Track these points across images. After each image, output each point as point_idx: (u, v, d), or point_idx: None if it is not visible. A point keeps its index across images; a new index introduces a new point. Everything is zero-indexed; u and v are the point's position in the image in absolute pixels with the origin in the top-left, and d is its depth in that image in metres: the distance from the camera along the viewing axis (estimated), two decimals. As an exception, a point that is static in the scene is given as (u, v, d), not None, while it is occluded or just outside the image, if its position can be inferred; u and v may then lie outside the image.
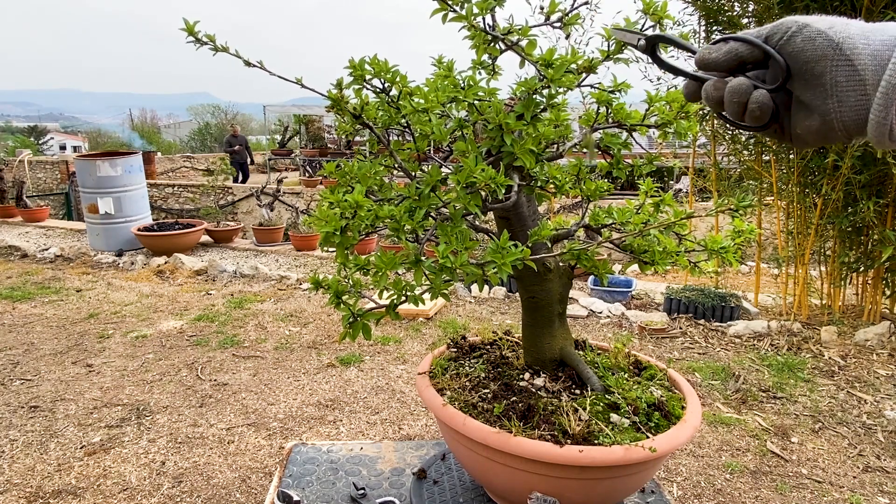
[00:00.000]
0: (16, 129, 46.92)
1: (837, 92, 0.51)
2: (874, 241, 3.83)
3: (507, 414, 1.06)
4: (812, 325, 4.01)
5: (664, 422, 1.07)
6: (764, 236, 4.92)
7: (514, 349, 1.35)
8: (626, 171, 1.21)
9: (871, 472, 2.48)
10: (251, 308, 4.60)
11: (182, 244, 6.44)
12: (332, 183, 1.07)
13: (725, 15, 4.08)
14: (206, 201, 11.68)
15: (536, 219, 1.16)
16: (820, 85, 0.52)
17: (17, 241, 7.09)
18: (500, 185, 0.90)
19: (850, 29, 0.51)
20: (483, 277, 0.91)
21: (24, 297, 4.90)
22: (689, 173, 5.16)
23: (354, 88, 1.04)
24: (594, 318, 4.38)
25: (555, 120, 1.03)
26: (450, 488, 1.25)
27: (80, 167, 6.61)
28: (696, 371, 3.43)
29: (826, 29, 0.52)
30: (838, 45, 0.51)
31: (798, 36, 0.53)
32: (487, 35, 0.99)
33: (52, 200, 12.13)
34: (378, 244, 6.76)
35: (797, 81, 0.54)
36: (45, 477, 2.43)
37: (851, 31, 0.51)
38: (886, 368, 3.40)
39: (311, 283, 1.07)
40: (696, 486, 2.39)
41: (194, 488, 2.37)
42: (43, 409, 3.00)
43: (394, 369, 3.47)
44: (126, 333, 4.07)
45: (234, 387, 3.25)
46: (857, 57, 0.50)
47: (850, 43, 0.50)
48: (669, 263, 1.10)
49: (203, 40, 1.00)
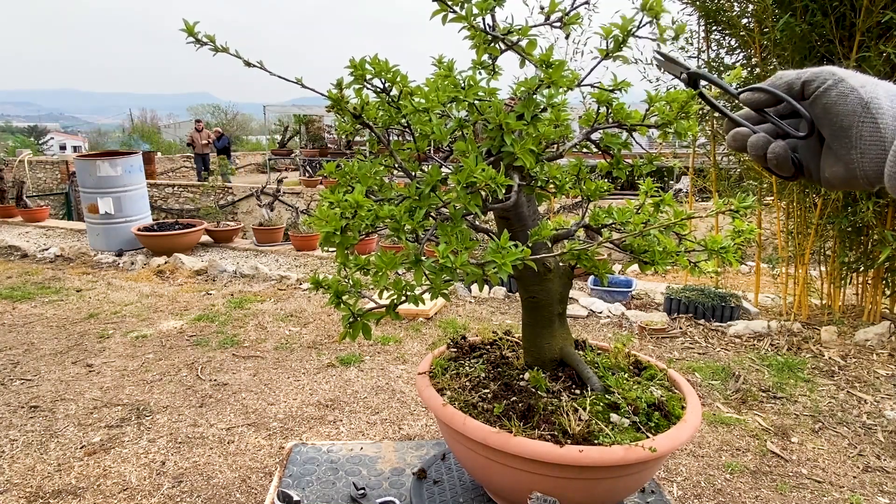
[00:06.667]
0: (16, 129, 46.92)
1: (861, 145, 0.57)
2: (874, 241, 3.83)
3: (507, 414, 1.06)
4: (812, 325, 4.01)
5: (664, 422, 1.07)
6: (764, 236, 4.92)
7: (514, 349, 1.35)
8: (626, 171, 1.20)
9: (871, 472, 2.48)
10: (251, 308, 4.60)
11: (182, 244, 6.44)
12: (332, 183, 1.07)
13: (725, 15, 4.07)
14: (206, 201, 11.68)
15: (536, 219, 1.16)
16: (847, 137, 0.58)
17: (17, 241, 7.09)
18: (500, 185, 0.89)
19: (878, 90, 0.57)
20: (483, 277, 0.91)
21: (24, 297, 4.90)
22: (689, 173, 5.16)
23: (355, 88, 1.04)
24: (594, 318, 4.38)
25: (555, 120, 1.03)
26: (450, 488, 1.25)
27: (80, 167, 6.61)
28: (696, 371, 3.43)
29: (859, 87, 0.58)
30: (867, 103, 0.57)
31: (833, 90, 0.59)
32: (487, 35, 0.99)
33: (52, 200, 12.13)
34: (378, 244, 6.76)
35: (826, 129, 0.60)
36: (45, 477, 2.43)
37: (879, 93, 0.57)
38: (886, 368, 3.40)
39: (311, 283, 1.07)
40: (696, 486, 2.39)
41: (194, 488, 2.37)
42: (43, 409, 3.00)
43: (394, 369, 3.47)
44: (126, 333, 4.07)
45: (234, 387, 3.25)
46: (881, 116, 0.56)
47: (877, 103, 0.56)
48: (669, 263, 1.10)
49: (203, 41, 1.00)
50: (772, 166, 0.63)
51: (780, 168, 0.63)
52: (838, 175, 0.60)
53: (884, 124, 0.56)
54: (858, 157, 0.58)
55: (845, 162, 0.59)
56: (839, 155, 0.60)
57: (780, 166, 0.63)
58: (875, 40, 3.35)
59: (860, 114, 0.57)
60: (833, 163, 0.61)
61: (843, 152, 0.59)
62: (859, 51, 3.39)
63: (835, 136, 0.59)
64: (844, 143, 0.58)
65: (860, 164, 0.58)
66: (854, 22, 3.39)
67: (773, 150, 0.62)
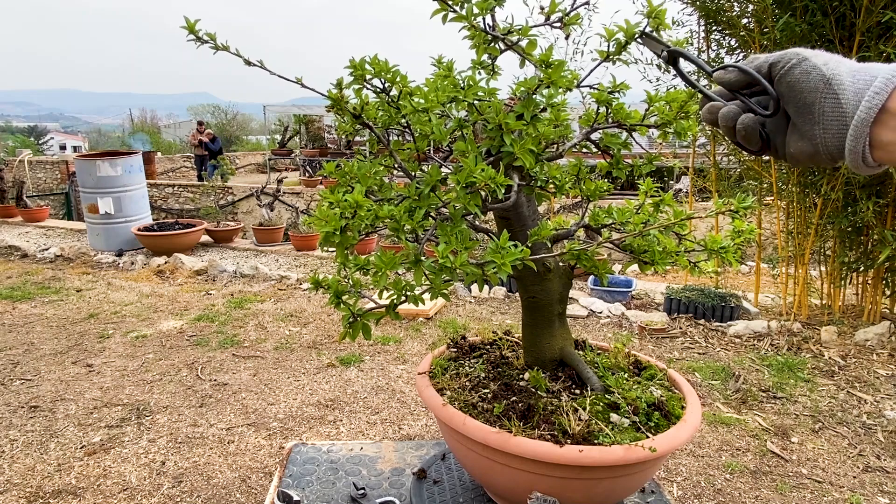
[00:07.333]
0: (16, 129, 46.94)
1: (823, 121, 0.59)
2: (874, 241, 3.83)
3: (507, 414, 1.06)
4: (812, 325, 4.01)
5: (664, 422, 1.07)
6: (764, 236, 4.92)
7: (514, 349, 1.35)
8: (626, 171, 1.20)
9: (871, 472, 2.48)
10: (251, 308, 4.60)
11: (182, 244, 6.44)
12: (332, 183, 1.07)
13: (725, 15, 4.07)
14: (206, 201, 11.68)
15: (536, 219, 1.16)
16: (810, 113, 0.60)
17: (17, 241, 7.09)
18: (499, 185, 0.90)
19: (841, 67, 0.59)
20: (483, 277, 0.91)
21: (24, 297, 4.90)
22: (688, 173, 5.16)
23: (354, 88, 1.04)
24: (594, 318, 4.38)
25: (554, 120, 1.03)
26: (450, 488, 1.25)
27: (80, 167, 6.61)
28: (696, 371, 3.43)
29: (821, 65, 0.59)
30: (829, 80, 0.58)
31: (797, 68, 0.61)
32: (487, 35, 0.99)
33: (52, 200, 12.13)
34: (378, 244, 6.76)
35: (792, 108, 0.62)
36: (45, 477, 2.43)
37: (842, 70, 0.59)
38: (886, 368, 3.40)
39: (311, 282, 1.07)
40: (696, 486, 2.39)
41: (194, 488, 2.37)
42: (43, 409, 3.00)
43: (394, 369, 3.47)
44: (126, 333, 4.07)
45: (234, 387, 3.25)
46: (842, 92, 0.58)
47: (839, 79, 0.58)
48: (669, 263, 1.10)
49: (204, 38, 1.00)
50: (740, 138, 0.65)
51: (748, 141, 0.65)
52: (803, 150, 0.62)
53: (845, 100, 0.57)
54: (821, 132, 0.59)
55: (809, 137, 0.61)
56: (803, 131, 0.61)
57: (748, 138, 0.65)
58: (875, 40, 3.35)
59: (822, 90, 0.58)
60: (798, 139, 0.63)
61: (807, 128, 0.61)
62: (859, 51, 3.39)
63: (799, 113, 0.61)
64: (808, 119, 0.60)
65: (822, 139, 0.59)
66: (854, 22, 3.39)
67: (742, 122, 0.64)
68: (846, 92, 0.57)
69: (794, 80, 0.61)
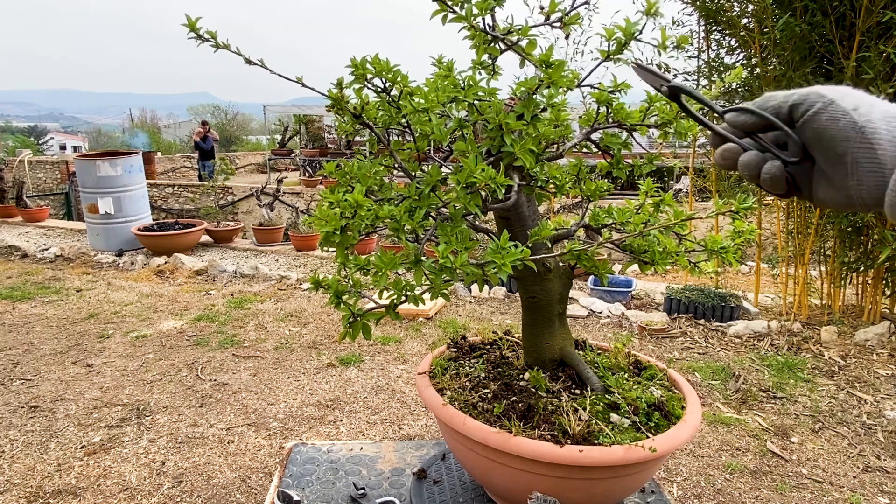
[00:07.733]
0: (16, 129, 46.93)
1: (858, 172, 0.54)
2: (874, 241, 3.83)
3: (507, 414, 1.06)
4: (812, 325, 4.01)
5: (664, 422, 1.07)
6: (764, 236, 4.92)
7: (514, 349, 1.35)
8: (626, 171, 1.20)
9: (871, 472, 2.48)
10: (251, 308, 4.60)
11: (182, 244, 6.44)
12: (332, 183, 1.07)
13: (725, 15, 4.07)
14: (206, 201, 11.68)
15: (536, 219, 1.16)
16: (841, 164, 0.55)
17: (17, 241, 7.09)
18: (500, 185, 0.90)
19: (873, 113, 0.54)
20: (483, 277, 0.91)
21: (24, 297, 4.90)
22: (689, 173, 5.16)
23: (355, 88, 1.04)
24: (594, 318, 4.38)
25: (554, 120, 1.03)
26: (450, 488, 1.25)
27: (80, 167, 6.61)
28: (696, 371, 3.43)
29: (851, 110, 0.54)
30: (861, 128, 0.53)
31: (823, 114, 0.55)
32: (487, 35, 0.99)
33: (52, 200, 12.13)
34: (378, 244, 6.76)
35: (819, 155, 0.57)
36: (45, 477, 2.43)
37: (874, 115, 0.53)
38: (886, 368, 3.40)
39: (311, 282, 1.07)
40: (696, 486, 2.39)
41: (194, 488, 2.37)
42: (43, 409, 3.00)
43: (394, 369, 3.47)
44: (126, 333, 4.07)
45: (234, 387, 3.25)
46: (878, 142, 0.53)
47: (872, 127, 0.53)
48: (669, 263, 1.10)
49: (204, 36, 1.01)
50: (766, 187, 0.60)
51: (774, 187, 0.60)
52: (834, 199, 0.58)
53: (882, 151, 0.52)
54: (856, 184, 0.55)
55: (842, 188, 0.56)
56: (833, 180, 0.57)
57: (775, 185, 0.60)
58: (875, 40, 3.35)
59: (854, 139, 0.54)
60: (826, 185, 0.58)
61: (838, 178, 0.56)
62: (859, 51, 3.39)
63: (828, 162, 0.57)
64: (839, 170, 0.56)
65: (858, 191, 0.55)
66: (854, 22, 3.39)
67: (768, 171, 0.59)
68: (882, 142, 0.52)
69: (820, 128, 0.55)
